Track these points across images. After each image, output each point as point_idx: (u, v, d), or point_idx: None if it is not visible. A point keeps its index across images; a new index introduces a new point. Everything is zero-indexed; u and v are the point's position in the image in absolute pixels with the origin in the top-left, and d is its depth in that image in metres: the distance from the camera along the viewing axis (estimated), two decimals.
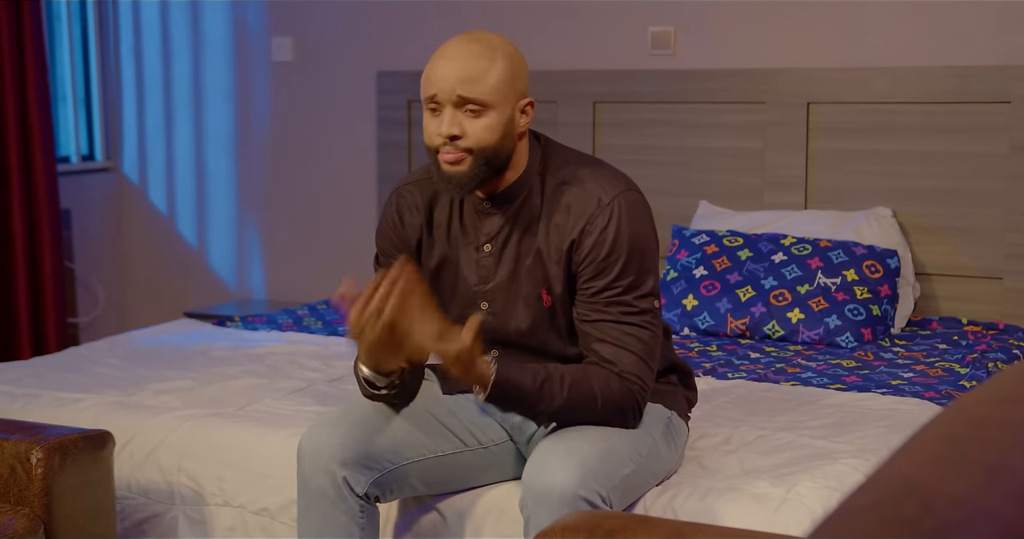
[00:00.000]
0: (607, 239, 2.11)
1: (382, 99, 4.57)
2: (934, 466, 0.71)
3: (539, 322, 2.21)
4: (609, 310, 2.12)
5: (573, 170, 2.17)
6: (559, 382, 2.08)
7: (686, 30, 4.16)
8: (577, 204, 2.13)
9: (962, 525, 0.63)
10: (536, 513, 1.99)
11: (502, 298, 2.21)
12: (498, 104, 2.07)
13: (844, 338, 3.46)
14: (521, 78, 2.12)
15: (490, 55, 2.07)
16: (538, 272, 2.18)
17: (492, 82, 2.06)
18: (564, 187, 2.15)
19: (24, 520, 2.18)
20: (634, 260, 2.11)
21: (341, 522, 2.14)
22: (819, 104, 3.95)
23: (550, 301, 2.19)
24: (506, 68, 2.08)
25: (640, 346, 2.12)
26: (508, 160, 2.14)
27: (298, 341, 3.57)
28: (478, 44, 2.09)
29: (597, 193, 2.13)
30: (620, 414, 2.11)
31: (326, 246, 4.80)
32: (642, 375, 2.12)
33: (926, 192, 3.84)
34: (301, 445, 2.18)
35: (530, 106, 2.14)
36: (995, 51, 3.76)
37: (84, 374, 3.12)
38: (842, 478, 2.27)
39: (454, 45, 2.09)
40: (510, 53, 2.11)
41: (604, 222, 2.11)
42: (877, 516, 0.67)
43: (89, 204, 5.00)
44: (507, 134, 2.10)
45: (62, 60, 4.95)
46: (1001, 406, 0.78)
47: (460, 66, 2.05)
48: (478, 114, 2.07)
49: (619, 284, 2.11)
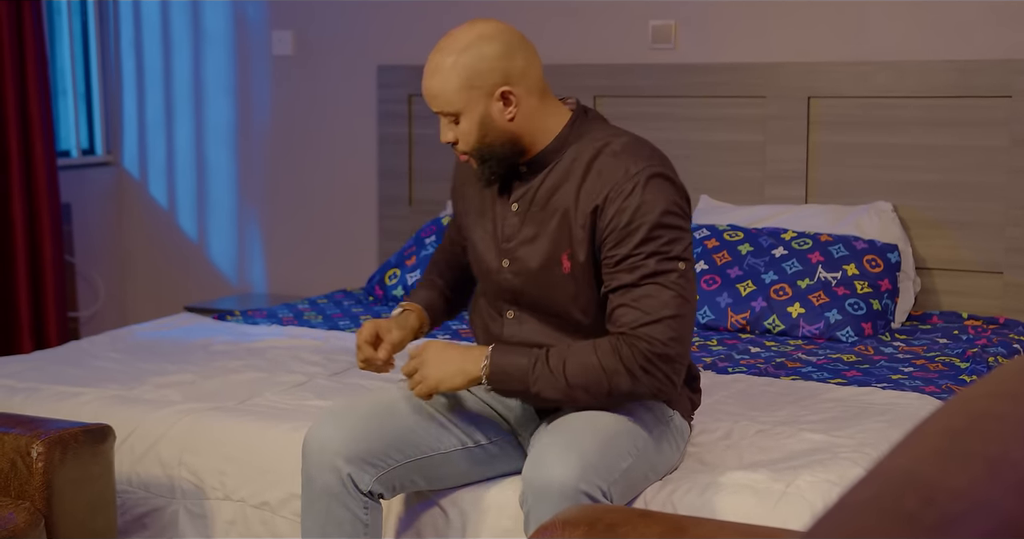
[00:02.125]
0: (629, 207, 2.11)
1: (382, 93, 4.56)
2: (935, 460, 0.71)
3: (556, 286, 2.21)
4: (630, 276, 2.11)
5: (611, 140, 2.20)
6: (557, 361, 2.09)
7: (687, 24, 4.15)
8: (607, 171, 2.15)
9: (963, 518, 0.63)
10: (536, 507, 1.99)
11: (523, 257, 2.23)
12: (465, 107, 2.16)
13: (844, 332, 3.46)
14: (487, 72, 2.14)
15: (445, 64, 2.15)
16: (562, 236, 2.19)
17: (450, 92, 2.15)
18: (599, 155, 2.18)
19: (25, 514, 2.19)
20: (657, 229, 2.10)
21: (346, 519, 2.14)
22: (820, 98, 3.94)
23: (570, 267, 2.19)
24: (461, 73, 2.14)
25: (653, 304, 2.09)
26: (514, 146, 2.19)
27: (299, 335, 3.57)
28: (439, 54, 2.17)
29: (627, 163, 2.15)
30: (630, 377, 2.08)
31: (326, 240, 4.80)
32: (652, 333, 2.07)
33: (927, 186, 3.84)
34: (306, 441, 2.18)
35: (510, 93, 2.15)
36: (996, 45, 3.76)
37: (84, 368, 3.12)
38: (842, 472, 2.27)
39: (428, 58, 2.19)
40: (469, 52, 2.15)
41: (628, 190, 2.12)
42: (878, 509, 0.67)
43: (89, 198, 5.00)
44: (489, 129, 2.16)
45: (62, 54, 4.95)
46: (1001, 400, 0.78)
47: (427, 84, 2.18)
48: (456, 120, 2.18)
49: (640, 251, 2.10)
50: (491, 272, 2.28)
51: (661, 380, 2.09)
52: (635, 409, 2.19)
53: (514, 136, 2.18)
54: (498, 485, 2.32)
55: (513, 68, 2.16)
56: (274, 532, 2.52)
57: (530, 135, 2.20)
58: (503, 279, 2.26)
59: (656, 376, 2.08)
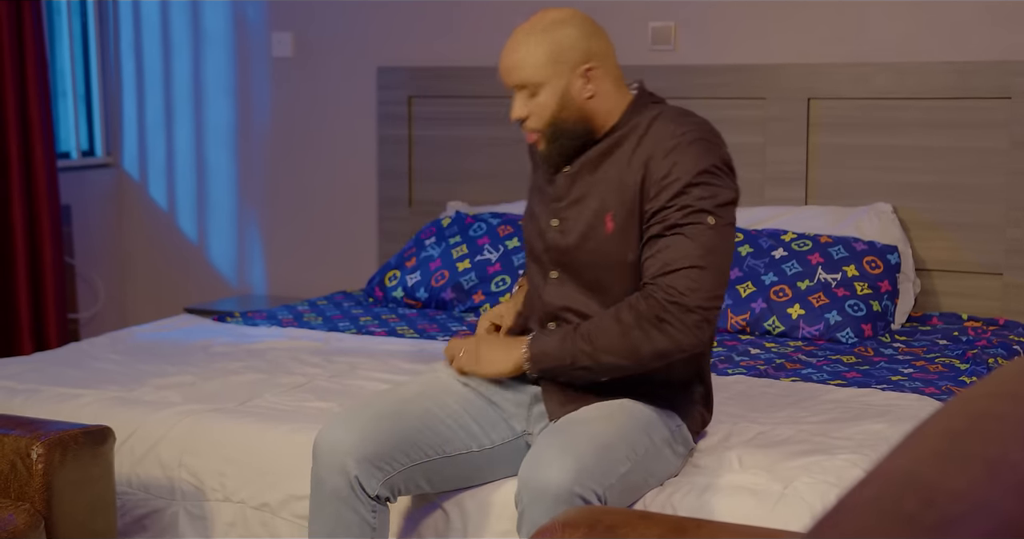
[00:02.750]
0: (668, 163, 2.15)
1: (382, 94, 4.57)
2: (934, 461, 0.71)
3: (598, 248, 2.24)
4: (658, 227, 2.14)
5: (663, 110, 2.27)
6: (585, 330, 2.15)
7: (686, 25, 4.15)
8: (656, 133, 2.21)
9: (963, 520, 0.63)
10: (531, 508, 1.99)
11: (570, 216, 2.28)
12: (547, 80, 2.20)
13: (844, 334, 3.46)
14: (573, 48, 2.21)
15: (531, 37, 2.21)
16: (608, 198, 2.23)
17: (534, 63, 2.19)
18: (652, 123, 2.24)
19: (24, 515, 2.19)
20: (690, 186, 2.13)
21: (354, 522, 2.14)
22: (819, 100, 3.95)
23: (612, 228, 2.22)
24: (548, 46, 2.19)
25: (673, 254, 2.11)
26: (586, 125, 2.25)
27: (298, 336, 3.57)
28: (526, 28, 2.24)
29: (674, 127, 2.21)
30: (643, 331, 2.10)
31: (326, 241, 4.80)
32: (670, 282, 2.09)
33: (927, 188, 3.84)
34: (317, 443, 2.18)
35: (591, 70, 2.22)
36: (995, 47, 3.76)
37: (84, 370, 3.12)
38: (841, 473, 2.27)
39: (511, 34, 2.25)
40: (555, 27, 2.21)
41: (670, 147, 2.17)
42: (877, 511, 0.67)
43: (89, 200, 5.00)
44: (567, 104, 2.22)
45: (62, 56, 4.95)
46: (1001, 401, 0.78)
47: (508, 55, 2.23)
48: (534, 94, 2.22)
49: (671, 204, 2.13)
50: (541, 233, 2.32)
51: (680, 330, 2.10)
52: (640, 414, 2.19)
53: (588, 115, 2.24)
54: (499, 486, 2.32)
55: (595, 48, 2.23)
56: (274, 533, 2.52)
57: (601, 116, 2.26)
58: (550, 239, 2.30)
59: (675, 326, 2.09)
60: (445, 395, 2.29)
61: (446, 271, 3.96)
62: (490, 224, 4.04)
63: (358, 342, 3.49)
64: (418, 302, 3.99)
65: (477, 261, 3.94)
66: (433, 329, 3.66)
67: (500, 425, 2.30)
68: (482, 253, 3.95)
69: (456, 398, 2.29)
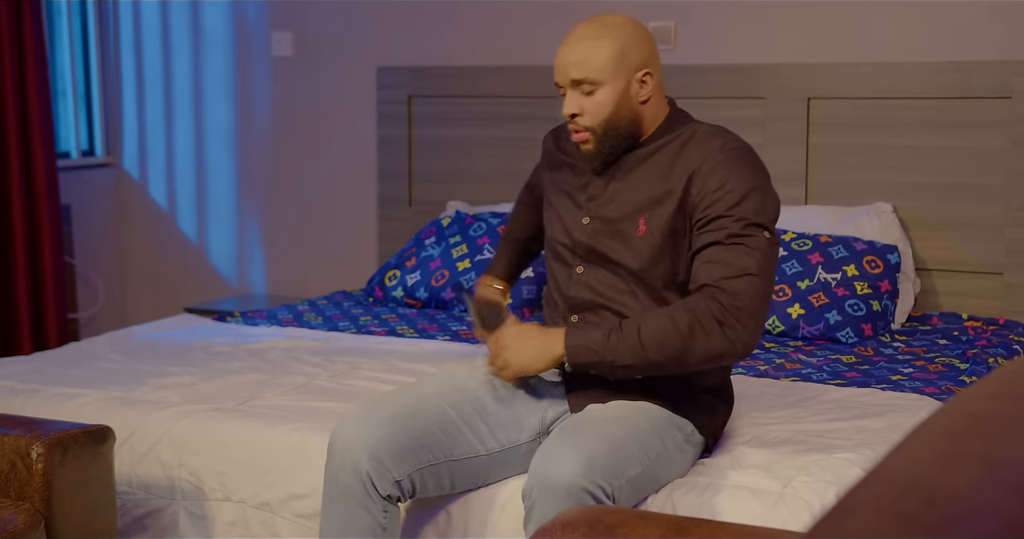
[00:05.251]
0: (723, 173, 2.19)
1: (382, 94, 4.57)
2: (934, 461, 0.71)
3: (628, 247, 2.27)
4: (717, 234, 2.17)
5: (702, 126, 2.33)
6: (631, 326, 2.14)
7: (686, 25, 4.15)
8: (705, 143, 2.26)
9: (963, 520, 0.63)
10: (539, 502, 1.99)
11: (603, 215, 2.31)
12: (608, 80, 2.23)
13: (844, 333, 3.46)
14: (635, 52, 2.25)
15: (599, 36, 2.24)
16: (644, 202, 2.27)
17: (599, 62, 2.22)
18: (695, 136, 2.28)
19: (24, 515, 2.19)
20: (748, 197, 2.17)
21: (366, 521, 2.14)
22: (819, 99, 3.94)
23: (644, 231, 2.25)
24: (614, 46, 2.23)
25: (738, 261, 2.13)
26: (635, 129, 2.28)
27: (298, 336, 3.57)
28: (591, 27, 2.26)
29: (723, 139, 2.26)
30: (704, 331, 2.10)
31: (326, 241, 4.80)
32: (736, 286, 2.11)
33: (927, 187, 3.84)
34: (332, 440, 2.18)
35: (649, 75, 2.26)
36: (995, 46, 3.76)
37: (84, 369, 3.12)
38: (840, 473, 2.27)
39: (572, 32, 2.27)
40: (622, 30, 2.25)
41: (723, 158, 2.21)
42: (877, 511, 0.67)
43: (89, 199, 5.00)
44: (622, 105, 2.25)
45: (62, 55, 4.95)
46: (1001, 401, 0.78)
47: (572, 51, 2.25)
48: (592, 92, 2.24)
49: (731, 214, 2.16)
50: (569, 231, 2.35)
51: (739, 333, 2.11)
52: (656, 418, 2.19)
53: (639, 118, 2.28)
54: (501, 486, 2.32)
55: (653, 55, 2.29)
56: (274, 533, 2.52)
57: (648, 122, 2.30)
58: (580, 235, 2.33)
59: (734, 329, 2.11)
60: (461, 398, 2.29)
61: (446, 271, 3.96)
62: (490, 224, 4.04)
63: (358, 342, 3.49)
64: (418, 302, 3.99)
65: (477, 261, 3.94)
66: (433, 329, 3.66)
67: (511, 428, 2.30)
68: (482, 253, 3.95)
69: (471, 400, 2.29)
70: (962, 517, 0.63)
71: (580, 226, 2.34)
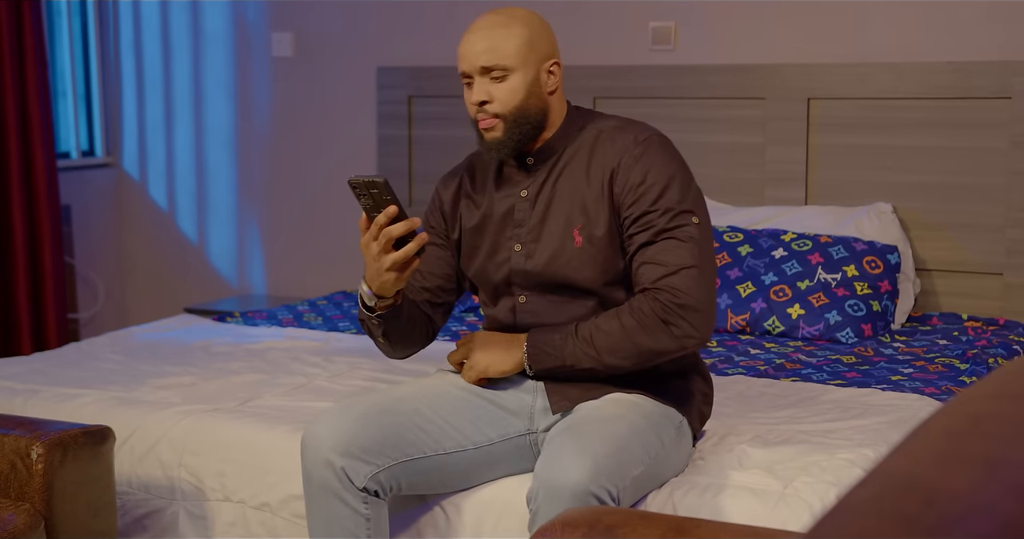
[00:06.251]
0: (641, 167, 2.21)
1: (382, 94, 4.57)
2: (934, 461, 0.71)
3: (568, 262, 2.26)
4: (646, 234, 2.18)
5: (608, 121, 2.32)
6: (585, 331, 2.17)
7: (686, 25, 4.15)
8: (616, 141, 2.26)
9: (963, 520, 0.63)
10: (545, 506, 1.99)
11: (534, 238, 2.30)
12: (519, 66, 2.23)
13: (844, 334, 3.46)
14: (543, 42, 2.26)
15: (507, 24, 2.24)
16: (573, 213, 2.27)
17: (510, 48, 2.22)
18: (602, 135, 2.29)
19: (24, 516, 2.19)
20: (671, 185, 2.19)
21: (347, 514, 2.14)
22: (819, 99, 3.94)
23: (581, 242, 2.25)
24: (524, 34, 2.24)
25: (670, 257, 2.15)
26: (542, 119, 2.28)
27: (298, 336, 3.57)
28: (497, 16, 2.26)
29: (634, 133, 2.26)
30: (648, 333, 2.14)
31: (326, 241, 4.80)
32: (672, 283, 2.14)
33: (927, 187, 3.84)
34: (303, 439, 2.19)
35: (556, 66, 2.28)
36: (995, 46, 3.76)
37: (84, 370, 3.12)
38: (840, 473, 2.27)
39: (477, 21, 2.27)
40: (529, 20, 2.27)
41: (639, 153, 2.22)
42: (877, 511, 0.67)
43: (89, 200, 5.00)
44: (533, 93, 2.25)
45: (62, 56, 4.95)
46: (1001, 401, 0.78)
47: (481, 38, 2.24)
48: (502, 79, 2.24)
49: (654, 208, 2.18)
50: (501, 264, 2.33)
51: (685, 330, 2.14)
52: (650, 414, 2.20)
53: (547, 108, 2.28)
54: (500, 485, 2.32)
55: (556, 47, 2.31)
56: (274, 533, 2.52)
57: (554, 114, 2.31)
58: (515, 265, 2.31)
59: (680, 326, 2.14)
60: (438, 397, 2.29)
61: None
62: None
63: (358, 342, 3.49)
64: None
65: None
66: None
67: (500, 423, 2.30)
68: None
69: (450, 400, 2.29)
70: (962, 517, 0.63)
71: (513, 255, 2.32)
